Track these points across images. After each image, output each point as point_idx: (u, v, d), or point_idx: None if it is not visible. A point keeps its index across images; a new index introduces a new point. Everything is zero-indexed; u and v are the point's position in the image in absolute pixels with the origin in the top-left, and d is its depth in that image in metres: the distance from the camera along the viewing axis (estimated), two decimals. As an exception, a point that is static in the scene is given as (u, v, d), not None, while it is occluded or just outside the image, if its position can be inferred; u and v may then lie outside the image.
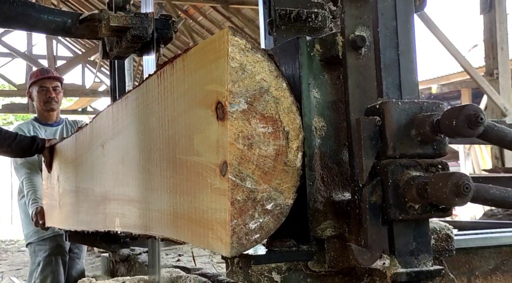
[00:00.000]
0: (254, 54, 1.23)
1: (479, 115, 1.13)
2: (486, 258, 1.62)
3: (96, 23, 2.34)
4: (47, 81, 3.75)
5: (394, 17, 1.30)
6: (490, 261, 1.63)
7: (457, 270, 1.59)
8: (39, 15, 2.32)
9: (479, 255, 1.62)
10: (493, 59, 6.85)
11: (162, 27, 2.22)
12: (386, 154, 1.24)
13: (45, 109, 3.76)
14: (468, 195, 1.12)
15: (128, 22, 2.13)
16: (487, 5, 6.92)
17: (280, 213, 1.25)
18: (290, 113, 1.27)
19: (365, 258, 1.23)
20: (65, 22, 2.38)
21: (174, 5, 11.57)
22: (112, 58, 2.60)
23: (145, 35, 2.12)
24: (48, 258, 3.56)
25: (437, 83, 14.68)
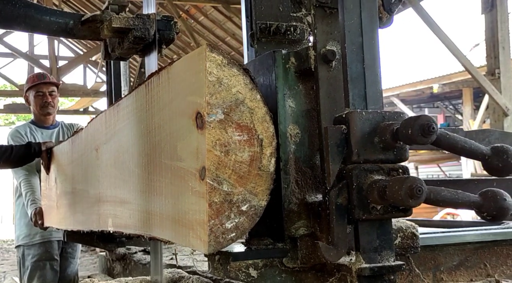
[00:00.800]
0: (230, 68, 1.35)
1: (431, 124, 1.25)
2: (450, 255, 1.74)
3: (98, 24, 2.38)
4: (43, 86, 3.81)
5: (360, 34, 1.42)
6: (454, 258, 1.74)
7: (423, 266, 1.70)
8: (41, 16, 2.33)
9: (444, 252, 1.73)
10: (494, 59, 6.87)
11: (164, 28, 2.24)
12: (351, 159, 1.36)
13: (41, 113, 3.84)
14: (421, 197, 1.23)
15: (130, 23, 2.14)
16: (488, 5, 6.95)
17: (254, 214, 1.37)
18: (264, 122, 1.39)
19: (332, 254, 1.35)
20: (67, 23, 2.40)
21: (175, 5, 11.67)
22: (114, 59, 2.65)
23: (147, 36, 2.12)
24: (36, 263, 3.64)
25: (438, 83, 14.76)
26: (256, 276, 1.49)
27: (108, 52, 2.55)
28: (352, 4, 1.41)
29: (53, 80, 4.00)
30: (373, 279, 1.36)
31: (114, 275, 3.30)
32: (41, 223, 3.30)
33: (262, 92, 1.55)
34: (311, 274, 1.55)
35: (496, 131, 1.92)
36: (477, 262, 1.76)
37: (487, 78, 6.86)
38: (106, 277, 3.28)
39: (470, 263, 1.76)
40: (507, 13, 7.20)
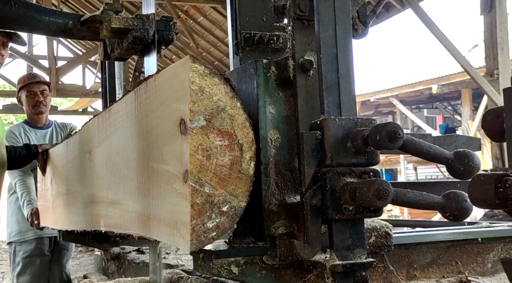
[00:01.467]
0: (212, 78, 1.44)
1: (398, 131, 1.34)
2: (423, 253, 1.83)
3: (97, 24, 2.39)
4: (34, 86, 3.87)
5: (334, 45, 1.52)
6: (427, 256, 1.83)
7: (398, 263, 1.79)
8: (41, 16, 2.34)
9: (418, 250, 1.82)
10: (493, 60, 6.88)
11: (163, 28, 2.25)
12: (325, 163, 1.45)
13: (34, 112, 3.90)
14: (388, 198, 1.33)
15: (129, 23, 2.14)
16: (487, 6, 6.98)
17: (234, 214, 1.46)
18: (244, 128, 1.48)
19: (306, 252, 1.45)
20: (66, 24, 2.40)
21: (174, 6, 11.73)
22: (113, 59, 2.66)
23: (146, 36, 2.12)
24: (27, 259, 3.71)
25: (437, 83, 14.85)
26: (237, 272, 1.58)
27: (107, 52, 2.58)
28: (327, 18, 1.51)
29: (44, 79, 4.06)
30: (346, 275, 1.45)
31: (109, 274, 3.39)
32: (37, 223, 3.38)
33: (244, 99, 1.65)
34: (290, 271, 1.64)
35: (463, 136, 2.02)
36: (449, 260, 1.86)
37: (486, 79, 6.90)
38: (101, 276, 3.37)
39: (442, 261, 1.85)
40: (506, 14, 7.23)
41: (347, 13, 1.53)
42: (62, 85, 14.04)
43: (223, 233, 1.46)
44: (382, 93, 17.32)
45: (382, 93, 17.33)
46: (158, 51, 2.25)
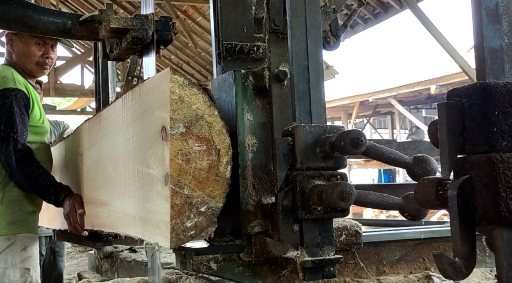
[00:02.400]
0: (191, 88, 1.56)
1: (360, 138, 1.46)
2: (392, 250, 1.95)
3: (96, 24, 2.42)
4: None
5: (306, 58, 1.63)
6: (396, 253, 1.95)
7: (368, 260, 1.91)
8: (39, 16, 2.34)
9: (387, 248, 1.94)
10: None
11: (162, 28, 2.25)
12: (295, 167, 1.57)
13: None
14: (351, 200, 1.45)
15: (128, 23, 2.15)
16: None
17: (212, 214, 1.58)
18: (221, 134, 1.60)
19: (278, 249, 1.56)
20: (65, 24, 2.41)
21: (173, 6, 11.83)
22: (112, 59, 2.67)
23: (145, 36, 2.14)
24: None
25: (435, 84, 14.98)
26: (216, 268, 1.69)
27: (106, 52, 2.60)
28: (299, 32, 1.63)
29: None
30: (315, 270, 1.57)
31: (102, 272, 3.50)
32: None
33: (224, 106, 1.77)
34: (266, 267, 1.76)
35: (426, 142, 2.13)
36: (416, 257, 1.98)
37: (484, 79, 6.99)
38: (95, 274, 3.47)
39: (410, 258, 1.97)
40: (504, 14, 7.32)
41: (317, 27, 1.64)
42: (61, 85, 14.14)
43: (201, 232, 1.58)
44: (380, 93, 17.44)
45: (380, 93, 17.45)
46: (157, 51, 2.28)
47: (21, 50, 2.62)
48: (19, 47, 2.62)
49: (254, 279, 1.74)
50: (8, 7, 2.23)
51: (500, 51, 1.03)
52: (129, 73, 3.51)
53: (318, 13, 1.65)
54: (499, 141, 0.99)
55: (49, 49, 2.68)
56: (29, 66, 2.63)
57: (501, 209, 0.97)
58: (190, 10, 12.68)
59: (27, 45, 2.61)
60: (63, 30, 2.41)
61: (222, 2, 2.02)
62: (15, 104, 2.35)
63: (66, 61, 14.93)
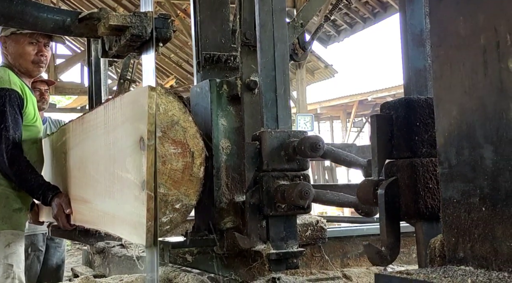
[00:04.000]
0: (167, 96, 1.72)
1: (318, 143, 1.63)
2: (356, 245, 2.11)
3: (95, 21, 2.40)
4: (40, 84, 4.11)
5: (273, 69, 1.80)
6: (359, 247, 2.12)
7: (333, 253, 2.07)
8: (38, 13, 2.33)
9: (351, 242, 2.10)
10: None
11: (161, 26, 2.24)
12: (262, 168, 1.73)
13: None
14: (309, 198, 1.61)
15: (127, 21, 2.15)
16: None
17: (186, 211, 1.74)
18: (195, 138, 1.76)
19: (245, 243, 1.73)
20: (64, 21, 2.39)
21: (173, 4, 11.96)
22: (111, 56, 2.64)
23: (144, 34, 2.14)
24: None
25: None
26: (191, 261, 1.86)
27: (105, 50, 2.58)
28: (267, 46, 1.79)
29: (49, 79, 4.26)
30: (279, 262, 1.73)
31: (95, 267, 3.66)
32: None
33: (200, 112, 1.94)
34: (238, 259, 1.92)
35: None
36: (378, 251, 2.14)
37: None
38: (87, 269, 3.62)
39: (372, 252, 2.13)
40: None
41: (284, 41, 1.81)
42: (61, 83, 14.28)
43: (175, 227, 1.74)
44: (379, 92, 17.57)
45: (379, 93, 17.58)
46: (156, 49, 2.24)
47: (15, 51, 2.71)
48: (13, 48, 2.71)
49: (227, 271, 1.91)
50: (7, 3, 2.25)
51: (423, 71, 1.20)
52: (122, 77, 3.65)
53: (285, 28, 1.81)
54: (419, 148, 1.15)
55: (42, 47, 2.75)
56: (25, 66, 2.72)
57: (420, 206, 1.13)
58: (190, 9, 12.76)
59: (20, 46, 2.70)
60: (62, 27, 2.42)
61: (202, 15, 2.18)
62: (8, 104, 2.47)
63: (66, 59, 15.06)
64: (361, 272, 2.01)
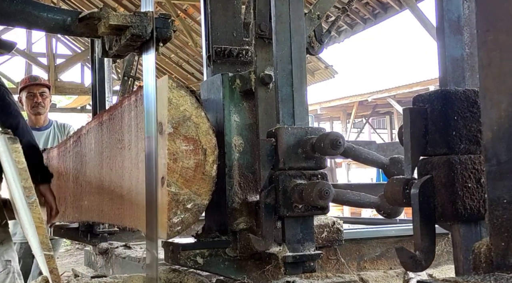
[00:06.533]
0: (179, 90, 1.64)
1: (339, 139, 1.54)
2: (373, 247, 2.03)
3: (95, 21, 2.38)
4: (34, 87, 4.13)
5: (290, 62, 1.71)
6: (376, 249, 2.03)
7: (349, 256, 1.99)
8: (39, 12, 2.35)
9: (368, 245, 2.02)
10: None
11: (161, 26, 2.22)
12: (278, 167, 1.65)
13: (32, 113, 4.15)
14: (329, 198, 1.53)
15: (128, 20, 2.15)
16: None
17: (198, 211, 1.66)
18: (208, 135, 1.67)
19: (260, 245, 1.64)
20: (64, 20, 2.40)
21: (173, 4, 11.87)
22: (111, 56, 2.63)
23: (144, 34, 2.13)
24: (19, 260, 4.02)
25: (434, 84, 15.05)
26: (202, 263, 1.77)
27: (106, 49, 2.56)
28: (283, 38, 1.70)
29: (45, 82, 4.27)
30: (296, 265, 1.65)
31: (97, 268, 3.57)
32: None
33: (212, 107, 1.85)
34: (251, 262, 1.84)
35: (404, 144, 2.20)
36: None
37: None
38: (88, 269, 3.54)
39: (390, 254, 2.05)
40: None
41: (301, 33, 1.72)
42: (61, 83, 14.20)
43: (187, 227, 1.65)
44: (379, 93, 17.51)
45: (379, 94, 17.52)
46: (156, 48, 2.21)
47: None
48: None
49: (239, 274, 1.82)
50: (7, 3, 2.25)
51: (461, 60, 1.11)
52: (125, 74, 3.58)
53: (302, 19, 1.73)
54: (457, 144, 1.06)
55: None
56: None
57: (458, 206, 1.05)
58: (190, 9, 12.71)
59: None
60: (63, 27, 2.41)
61: (212, 7, 2.10)
62: None
63: (66, 59, 14.99)
64: (378, 276, 1.93)
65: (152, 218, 1.73)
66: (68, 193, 2.72)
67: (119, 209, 1.99)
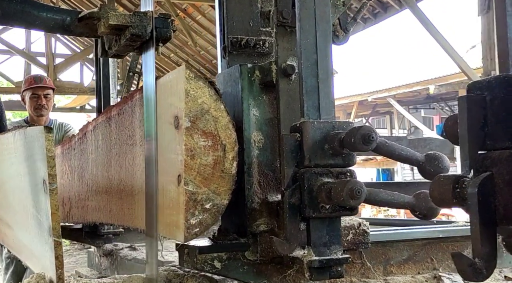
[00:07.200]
0: (197, 82, 1.51)
1: (371, 134, 1.42)
2: (400, 250, 1.91)
3: (95, 21, 2.36)
4: (39, 89, 4.06)
5: (315, 52, 1.59)
6: (403, 253, 1.91)
7: (375, 260, 1.87)
8: (38, 12, 2.33)
9: (394, 248, 1.90)
10: (490, 60, 6.91)
11: (161, 26, 2.19)
12: (303, 164, 1.52)
13: (35, 114, 4.10)
14: (361, 198, 1.40)
15: (127, 20, 2.14)
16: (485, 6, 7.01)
17: (216, 211, 1.53)
18: (227, 129, 1.55)
19: (285, 248, 1.52)
20: (64, 20, 2.39)
21: (173, 4, 11.79)
22: (110, 56, 2.60)
23: (144, 33, 2.12)
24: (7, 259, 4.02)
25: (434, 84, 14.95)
26: (220, 267, 1.65)
27: (105, 49, 2.56)
28: (308, 25, 1.58)
29: (50, 83, 4.21)
30: (322, 270, 1.52)
31: (102, 270, 3.46)
32: None
33: (229, 101, 1.73)
34: (271, 266, 1.72)
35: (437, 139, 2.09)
36: (425, 257, 1.93)
37: (483, 80, 6.95)
38: (93, 271, 3.43)
39: (418, 258, 1.93)
40: (505, 15, 7.28)
41: (327, 20, 1.60)
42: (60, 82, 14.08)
43: (205, 229, 1.53)
44: (379, 93, 17.41)
45: (379, 93, 17.42)
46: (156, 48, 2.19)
47: None
48: None
49: (259, 279, 1.70)
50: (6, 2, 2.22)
51: (524, 43, 0.99)
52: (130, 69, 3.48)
53: (327, 5, 1.61)
54: (522, 137, 0.94)
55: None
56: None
57: (524, 207, 0.93)
58: (190, 8, 12.64)
59: None
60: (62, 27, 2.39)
61: (227, -5, 1.98)
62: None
63: (65, 59, 14.89)
64: (406, 281, 1.81)
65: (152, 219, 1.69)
66: (72, 192, 2.59)
67: (130, 209, 1.86)
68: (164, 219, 1.64)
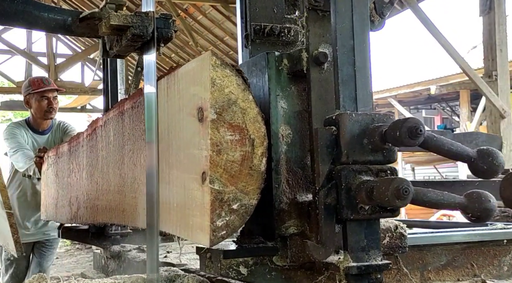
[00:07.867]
0: (223, 69, 1.37)
1: (419, 127, 1.27)
2: (438, 255, 1.77)
3: (96, 21, 2.39)
4: (49, 92, 3.95)
5: (351, 37, 1.45)
6: (442, 258, 1.77)
7: (411, 265, 1.73)
8: (40, 12, 2.35)
9: (432, 252, 1.76)
10: (492, 61, 6.84)
11: (162, 26, 2.22)
12: (340, 160, 1.38)
13: (44, 117, 4.01)
14: (408, 198, 1.26)
15: (128, 21, 2.14)
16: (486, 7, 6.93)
17: (245, 212, 1.39)
18: (256, 122, 1.41)
19: (320, 253, 1.38)
20: (65, 20, 2.42)
21: (174, 4, 11.68)
22: (112, 56, 2.63)
23: (145, 34, 2.13)
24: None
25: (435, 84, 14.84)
26: (246, 273, 1.51)
27: (106, 49, 2.57)
28: (344, 8, 1.44)
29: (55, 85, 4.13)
30: (360, 277, 1.38)
31: (109, 272, 3.32)
32: None
33: (255, 92, 1.58)
34: (301, 272, 1.58)
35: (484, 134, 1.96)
36: (464, 262, 1.79)
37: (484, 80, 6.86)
38: (99, 274, 3.30)
39: (457, 263, 1.79)
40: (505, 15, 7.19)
41: (364, 3, 1.46)
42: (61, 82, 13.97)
43: (232, 232, 1.39)
44: (380, 93, 17.30)
45: (380, 93, 17.31)
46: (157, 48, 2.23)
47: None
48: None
49: (288, 286, 1.56)
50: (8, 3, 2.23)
51: None
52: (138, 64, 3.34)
53: (365, -13, 1.47)
54: None
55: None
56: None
57: None
58: (191, 8, 12.54)
59: None
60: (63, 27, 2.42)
61: (249, -21, 1.84)
62: None
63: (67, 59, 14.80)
64: (445, 288, 1.67)
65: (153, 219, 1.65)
66: (81, 192, 2.45)
67: (145, 210, 1.72)
68: (185, 221, 1.49)
